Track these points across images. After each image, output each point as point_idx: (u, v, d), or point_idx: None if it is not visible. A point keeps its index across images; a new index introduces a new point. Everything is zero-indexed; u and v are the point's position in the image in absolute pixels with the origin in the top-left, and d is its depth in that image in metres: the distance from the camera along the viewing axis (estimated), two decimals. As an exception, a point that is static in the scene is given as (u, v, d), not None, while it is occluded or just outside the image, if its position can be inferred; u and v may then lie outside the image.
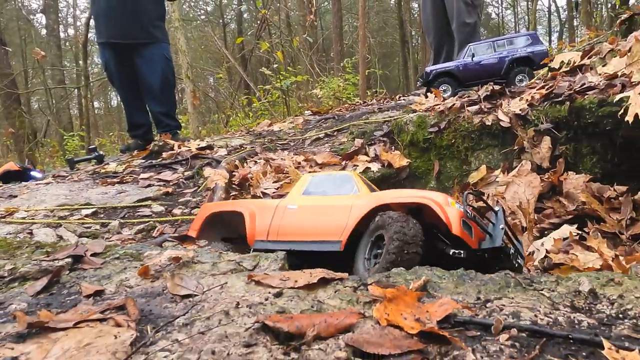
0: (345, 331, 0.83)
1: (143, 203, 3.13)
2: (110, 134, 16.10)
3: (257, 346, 0.80)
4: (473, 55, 4.44)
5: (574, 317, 0.88)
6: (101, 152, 5.01)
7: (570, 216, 2.44)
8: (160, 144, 4.63)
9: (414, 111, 3.68)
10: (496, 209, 1.69)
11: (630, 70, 2.40)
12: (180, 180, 3.60)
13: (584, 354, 0.75)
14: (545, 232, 2.43)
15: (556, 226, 2.42)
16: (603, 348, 0.74)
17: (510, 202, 2.69)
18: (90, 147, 5.44)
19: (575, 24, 21.28)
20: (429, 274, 1.11)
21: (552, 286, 1.01)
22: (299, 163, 3.67)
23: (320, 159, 3.62)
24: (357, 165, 3.48)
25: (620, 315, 0.87)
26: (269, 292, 1.04)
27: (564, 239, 2.19)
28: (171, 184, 3.55)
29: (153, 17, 4.97)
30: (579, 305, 0.93)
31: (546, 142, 2.83)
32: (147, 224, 2.77)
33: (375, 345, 0.77)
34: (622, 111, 2.23)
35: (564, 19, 26.04)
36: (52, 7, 16.19)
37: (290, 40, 11.17)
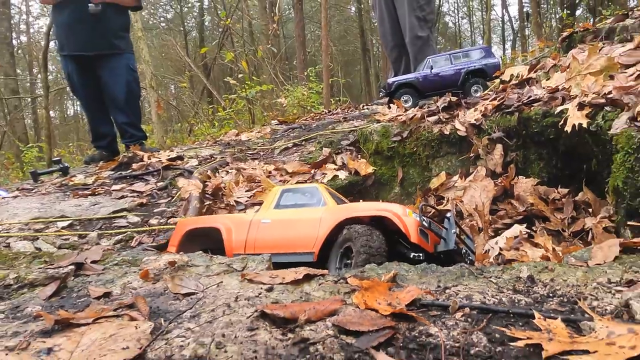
0: (331, 315, 1.00)
1: (119, 214, 3.20)
2: (70, 144, 15.69)
3: (259, 329, 0.96)
4: (432, 68, 4.71)
5: (515, 298, 1.08)
6: (66, 164, 4.99)
7: (520, 217, 2.70)
8: (130, 155, 4.68)
9: (378, 121, 3.90)
10: (448, 215, 1.93)
11: (569, 84, 2.69)
12: (154, 191, 3.67)
13: (520, 323, 0.95)
14: (499, 232, 2.67)
15: (508, 226, 2.66)
16: (534, 318, 0.94)
17: (468, 205, 2.93)
18: (55, 159, 5.39)
19: (527, 33, 22.33)
20: (397, 268, 1.30)
21: (499, 274, 1.21)
22: (270, 172, 3.82)
23: (290, 168, 3.79)
24: (326, 174, 3.66)
25: (551, 294, 1.08)
26: (262, 288, 1.19)
27: (515, 237, 2.43)
28: (144, 194, 3.62)
29: (116, 27, 4.99)
30: (519, 289, 1.13)
31: (498, 149, 3.10)
32: (124, 234, 2.85)
33: (356, 324, 0.94)
34: (562, 122, 2.50)
35: (517, 29, 27.25)
36: (4, 15, 15.71)
37: (254, 49, 11.27)
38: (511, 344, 0.85)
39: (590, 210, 2.47)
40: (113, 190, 3.73)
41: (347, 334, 0.93)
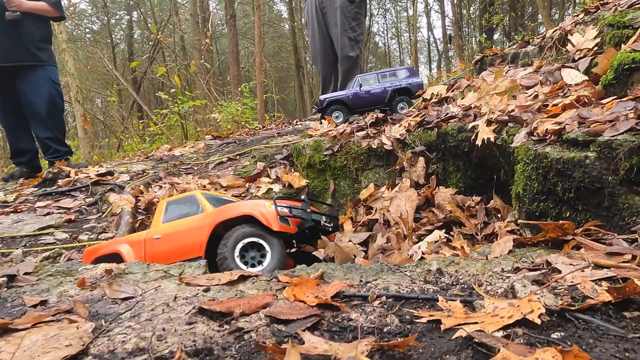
0: (263, 307, 1.10)
1: (45, 231, 3.10)
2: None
3: (197, 324, 1.04)
4: (361, 86, 4.97)
5: (425, 287, 1.24)
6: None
7: (440, 223, 2.93)
8: (55, 171, 4.51)
9: (310, 136, 4.06)
10: (302, 197, 2.47)
11: (480, 103, 2.99)
12: (82, 207, 3.59)
13: (427, 306, 1.11)
14: (422, 238, 2.89)
15: (430, 232, 2.89)
16: (438, 301, 1.10)
17: (394, 214, 3.14)
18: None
19: (450, 54, 23.75)
20: (324, 267, 1.42)
21: (412, 269, 1.38)
22: (204, 186, 3.85)
23: (225, 182, 3.84)
24: (260, 187, 3.76)
25: (455, 283, 1.25)
26: (199, 289, 1.27)
27: (435, 241, 2.65)
28: (72, 211, 3.53)
29: (37, 38, 4.81)
30: (429, 279, 1.29)
31: (421, 162, 3.35)
32: (52, 251, 2.78)
33: (286, 314, 1.06)
34: (474, 136, 2.78)
35: (441, 50, 28.91)
36: None
37: (187, 64, 11.17)
38: (416, 321, 1.00)
39: (499, 215, 2.75)
40: (37, 207, 3.60)
41: (279, 323, 1.04)
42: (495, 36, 23.20)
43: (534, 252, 1.42)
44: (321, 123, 4.47)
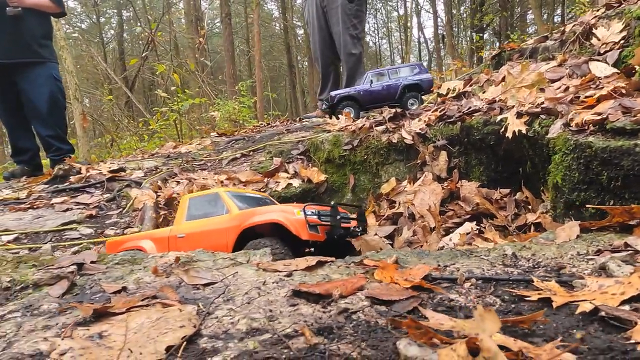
0: (359, 290, 1.10)
1: (68, 227, 3.06)
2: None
3: (299, 305, 1.03)
4: (371, 82, 4.98)
5: (507, 270, 1.25)
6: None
7: (468, 216, 2.95)
8: (66, 167, 4.44)
9: (328, 131, 4.05)
10: (332, 203, 2.33)
11: (505, 96, 3.02)
12: (101, 202, 3.54)
13: (521, 287, 1.11)
14: (450, 230, 2.91)
15: (458, 225, 2.91)
16: (532, 282, 1.10)
17: (419, 208, 3.15)
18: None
19: (442, 54, 23.91)
20: (397, 253, 1.42)
21: (487, 253, 1.38)
22: (222, 182, 3.83)
23: (244, 177, 3.82)
24: (279, 182, 3.74)
25: (536, 266, 1.26)
26: (279, 275, 1.27)
27: (467, 233, 2.67)
28: (92, 207, 3.48)
29: (38, 35, 4.73)
30: (508, 263, 1.30)
31: (443, 156, 3.36)
32: (80, 245, 2.74)
33: (386, 295, 1.05)
34: (503, 129, 2.80)
35: (432, 50, 29.10)
36: None
37: (185, 62, 11.09)
38: (526, 299, 1.00)
39: (529, 207, 2.77)
40: (55, 204, 3.54)
41: (380, 304, 1.04)
42: (485, 36, 23.47)
43: (604, 237, 1.43)
44: (330, 118, 4.47)
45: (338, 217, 2.29)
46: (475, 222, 2.80)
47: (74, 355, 0.81)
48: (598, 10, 3.19)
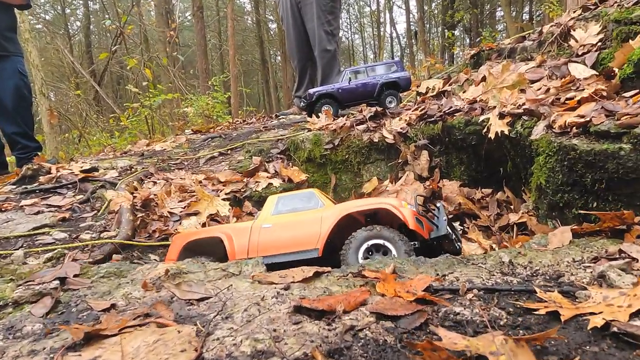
0: (362, 304, 1.07)
1: (40, 231, 2.93)
2: None
3: (302, 323, 1.00)
4: (350, 80, 4.96)
5: (506, 279, 1.24)
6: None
7: (450, 215, 2.97)
8: (35, 167, 4.26)
9: (309, 130, 4.01)
10: (438, 204, 2.11)
11: (486, 97, 3.04)
12: (74, 205, 3.41)
13: (524, 298, 1.11)
14: (433, 230, 2.91)
15: (441, 224, 2.92)
16: (536, 292, 1.10)
17: (402, 207, 3.15)
18: None
19: (414, 50, 24.11)
20: (394, 262, 1.40)
21: (483, 261, 1.38)
22: (200, 182, 3.74)
23: (223, 177, 3.74)
24: (259, 182, 3.68)
25: (534, 274, 1.26)
26: (276, 288, 1.23)
27: (451, 233, 2.68)
28: (64, 209, 3.34)
29: (2, 27, 4.53)
30: (506, 271, 1.30)
31: (424, 155, 3.37)
32: (54, 251, 2.62)
33: (391, 310, 1.03)
34: (485, 130, 2.82)
35: (404, 46, 29.31)
36: None
37: (157, 56, 10.82)
38: (534, 312, 0.99)
39: (510, 207, 2.81)
40: (25, 206, 3.39)
41: (386, 319, 1.01)
42: (456, 32, 23.79)
43: (597, 242, 1.45)
44: (317, 117, 4.43)
45: (444, 218, 2.03)
46: (458, 223, 2.81)
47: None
48: (575, 12, 3.24)
